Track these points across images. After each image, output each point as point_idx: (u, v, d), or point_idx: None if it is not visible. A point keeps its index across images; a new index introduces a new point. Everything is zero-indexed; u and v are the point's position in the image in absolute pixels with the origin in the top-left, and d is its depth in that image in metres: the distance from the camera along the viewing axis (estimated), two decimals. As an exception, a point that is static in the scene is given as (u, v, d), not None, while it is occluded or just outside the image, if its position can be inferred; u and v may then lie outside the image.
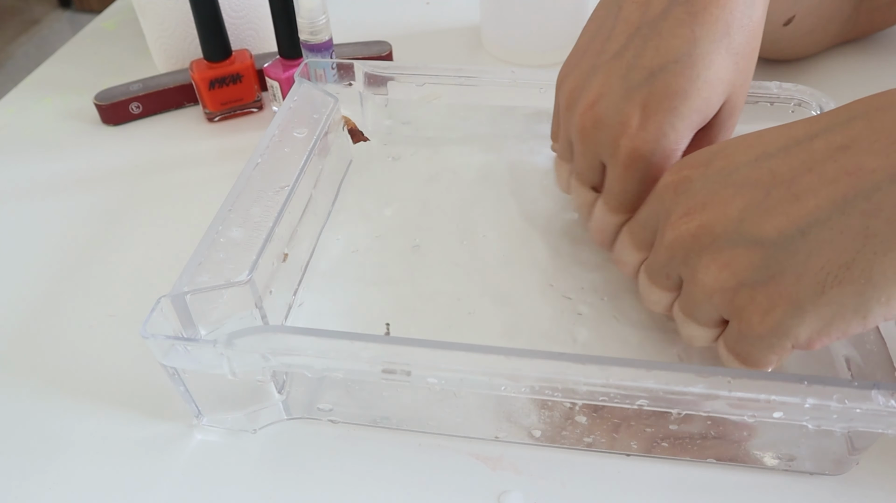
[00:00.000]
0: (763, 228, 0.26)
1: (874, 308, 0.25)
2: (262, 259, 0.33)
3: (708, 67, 0.31)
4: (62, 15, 1.89)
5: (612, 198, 0.33)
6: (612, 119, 0.32)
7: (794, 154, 0.27)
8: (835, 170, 0.25)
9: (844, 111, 0.27)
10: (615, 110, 0.32)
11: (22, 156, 0.51)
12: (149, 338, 0.29)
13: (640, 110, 0.31)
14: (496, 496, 0.31)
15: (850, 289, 0.25)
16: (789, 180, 0.26)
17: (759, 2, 0.32)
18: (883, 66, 0.56)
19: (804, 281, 0.25)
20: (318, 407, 0.33)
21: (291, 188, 0.37)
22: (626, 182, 0.32)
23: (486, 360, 0.27)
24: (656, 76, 0.31)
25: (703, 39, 0.31)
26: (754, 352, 0.27)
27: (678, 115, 0.31)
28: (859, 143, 0.25)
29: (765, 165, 0.27)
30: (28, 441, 0.33)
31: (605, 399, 0.28)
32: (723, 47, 0.31)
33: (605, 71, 0.33)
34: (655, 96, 0.31)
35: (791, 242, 0.25)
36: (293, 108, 0.42)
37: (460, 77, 0.45)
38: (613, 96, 0.32)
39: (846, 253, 0.25)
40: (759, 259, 0.26)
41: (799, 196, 0.26)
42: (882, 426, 0.27)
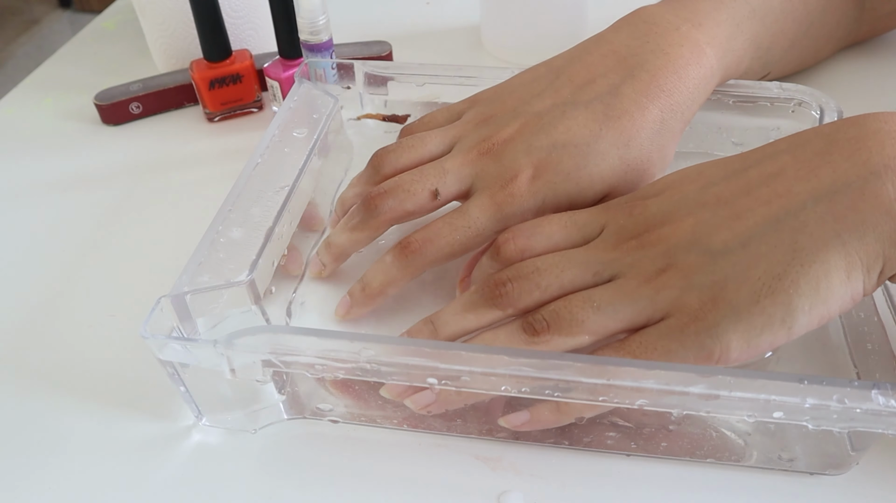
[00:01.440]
0: (712, 240, 0.29)
1: (799, 317, 0.27)
2: (262, 259, 0.33)
3: (596, 164, 0.35)
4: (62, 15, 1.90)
5: (461, 216, 0.34)
6: (508, 163, 0.35)
7: (733, 182, 0.31)
8: (768, 193, 0.29)
9: (771, 148, 0.31)
10: (512, 157, 0.35)
11: (22, 156, 0.51)
12: (149, 338, 0.29)
13: (533, 170, 0.35)
14: (496, 496, 0.31)
15: (781, 299, 0.27)
16: (732, 202, 0.30)
17: (672, 125, 0.36)
18: (883, 65, 0.56)
19: (743, 289, 0.28)
20: (318, 407, 0.33)
21: (291, 188, 0.37)
22: (482, 215, 0.34)
23: (487, 360, 0.27)
24: (556, 149, 0.35)
25: (604, 140, 0.35)
26: (678, 351, 0.28)
27: (552, 190, 0.35)
28: (786, 172, 0.30)
29: (711, 191, 0.31)
30: (28, 441, 0.33)
31: (606, 399, 0.28)
32: (617, 155, 0.35)
33: (523, 121, 0.36)
34: (547, 165, 0.35)
35: (734, 253, 0.29)
36: (293, 108, 0.42)
37: (460, 77, 0.45)
38: (519, 146, 0.35)
39: (778, 265, 0.28)
40: (708, 266, 0.29)
41: (740, 215, 0.29)
42: (882, 426, 0.27)
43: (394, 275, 0.35)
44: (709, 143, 0.46)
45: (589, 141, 0.35)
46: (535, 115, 0.36)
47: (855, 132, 0.29)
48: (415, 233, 0.35)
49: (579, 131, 0.35)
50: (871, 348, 0.33)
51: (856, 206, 0.27)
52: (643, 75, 0.36)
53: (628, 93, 0.36)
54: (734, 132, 0.45)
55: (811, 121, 0.42)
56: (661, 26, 0.38)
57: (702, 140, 0.46)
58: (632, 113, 0.35)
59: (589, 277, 0.31)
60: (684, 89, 0.36)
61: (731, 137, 0.46)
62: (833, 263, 0.27)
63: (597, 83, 0.37)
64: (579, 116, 0.36)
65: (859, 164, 0.28)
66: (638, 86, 0.36)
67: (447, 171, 0.36)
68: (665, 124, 0.36)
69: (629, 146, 0.35)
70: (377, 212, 0.35)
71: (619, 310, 0.29)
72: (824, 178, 0.29)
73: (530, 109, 0.37)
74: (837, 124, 0.30)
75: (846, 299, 0.28)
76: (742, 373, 0.26)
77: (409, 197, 0.35)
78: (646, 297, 0.29)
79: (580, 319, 0.29)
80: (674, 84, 0.36)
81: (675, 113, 0.36)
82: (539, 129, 0.36)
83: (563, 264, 0.31)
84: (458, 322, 0.32)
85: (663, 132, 0.36)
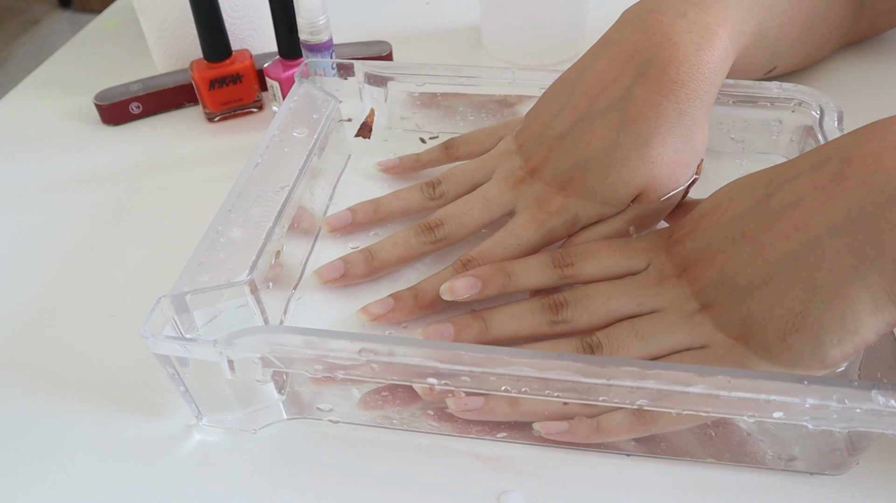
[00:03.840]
0: (737, 278, 0.30)
1: (830, 351, 0.28)
2: (262, 259, 0.33)
3: (618, 171, 0.36)
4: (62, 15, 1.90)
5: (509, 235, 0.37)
6: (540, 187, 0.38)
7: (757, 214, 0.31)
8: (787, 226, 0.29)
9: (793, 169, 0.31)
10: (544, 182, 0.38)
11: (22, 156, 0.51)
12: (149, 337, 0.29)
13: (565, 190, 0.37)
14: (496, 496, 0.31)
15: (806, 336, 0.28)
16: (756, 237, 0.30)
17: (692, 113, 0.36)
18: (883, 65, 0.56)
19: (769, 328, 0.29)
20: (318, 407, 0.33)
21: (291, 188, 0.37)
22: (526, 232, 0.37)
23: (487, 360, 0.27)
24: (579, 167, 0.37)
25: (622, 146, 0.36)
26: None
27: (583, 205, 0.37)
28: (804, 201, 0.29)
29: (737, 226, 0.31)
30: (28, 441, 0.33)
31: (605, 399, 0.28)
32: (637, 157, 0.36)
33: (548, 146, 0.38)
34: (573, 185, 0.37)
35: (758, 291, 0.29)
36: (293, 108, 0.42)
37: (460, 77, 0.45)
38: (548, 171, 0.38)
39: (800, 303, 0.28)
40: (735, 304, 0.30)
41: (763, 250, 0.30)
42: (882, 426, 0.27)
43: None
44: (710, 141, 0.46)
45: (608, 151, 0.36)
46: (557, 139, 0.38)
47: (872, 148, 0.28)
48: (473, 250, 0.37)
49: (598, 144, 0.36)
50: (873, 346, 0.33)
51: (873, 239, 0.27)
52: (653, 72, 0.35)
53: (640, 93, 0.36)
54: (734, 128, 0.45)
55: (811, 121, 0.42)
56: (667, 14, 0.37)
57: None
58: (646, 113, 0.35)
59: (633, 307, 0.33)
60: (699, 76, 0.35)
61: (731, 133, 0.46)
62: (855, 297, 0.27)
63: (609, 90, 0.36)
64: (597, 129, 0.36)
65: (875, 191, 0.27)
66: (649, 84, 0.35)
67: (490, 202, 0.39)
68: (684, 114, 0.35)
69: (649, 145, 0.35)
70: (433, 237, 0.38)
71: (660, 340, 0.32)
72: (840, 208, 0.28)
73: (553, 133, 0.38)
74: (856, 137, 0.29)
75: (881, 326, 0.27)
76: (742, 373, 0.26)
77: (460, 228, 0.38)
78: (684, 331, 0.31)
79: (626, 345, 0.32)
80: (686, 73, 0.35)
81: (693, 101, 0.36)
82: (563, 152, 0.37)
83: (610, 293, 0.34)
84: (512, 324, 0.34)
85: (684, 122, 0.36)
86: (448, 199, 0.40)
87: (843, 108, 0.41)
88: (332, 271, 0.37)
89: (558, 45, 0.57)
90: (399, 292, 0.36)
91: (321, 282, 0.37)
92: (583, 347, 0.32)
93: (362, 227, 0.41)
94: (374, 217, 0.41)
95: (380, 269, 0.38)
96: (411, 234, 0.38)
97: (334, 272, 0.37)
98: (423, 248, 0.38)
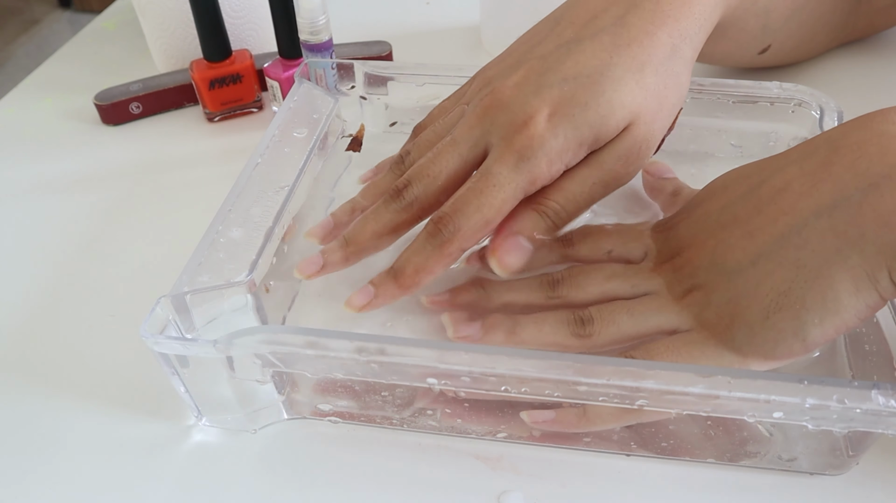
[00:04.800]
0: (727, 261, 0.31)
1: (811, 330, 0.29)
2: (262, 259, 0.33)
3: (615, 89, 0.33)
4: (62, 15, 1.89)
5: (483, 178, 0.33)
6: (518, 107, 0.33)
7: (748, 200, 0.32)
8: (775, 211, 0.30)
9: (784, 158, 0.32)
10: (524, 100, 0.33)
11: (22, 156, 0.51)
12: (149, 338, 0.29)
13: (548, 108, 0.33)
14: (496, 496, 0.31)
15: (789, 314, 0.29)
16: (746, 221, 0.31)
17: (683, 51, 0.35)
18: (883, 65, 0.56)
19: (754, 306, 0.30)
20: (318, 407, 0.33)
21: (291, 188, 0.37)
22: (504, 168, 0.33)
23: (487, 360, 0.27)
24: (567, 82, 0.33)
25: (618, 66, 0.34)
26: (699, 359, 0.30)
27: (572, 123, 0.33)
28: (792, 186, 0.30)
29: (729, 211, 0.32)
30: (28, 441, 0.33)
31: (605, 399, 0.28)
32: (633, 79, 0.34)
33: (527, 67, 0.35)
34: (561, 100, 0.33)
35: (745, 272, 0.30)
36: (293, 108, 0.42)
37: (460, 77, 0.45)
38: (527, 88, 0.34)
39: (784, 282, 0.29)
40: (724, 285, 0.31)
41: (752, 233, 0.31)
42: (882, 426, 0.27)
43: (429, 254, 0.33)
44: (709, 145, 0.46)
45: (601, 69, 0.33)
46: (538, 59, 0.35)
47: (858, 136, 0.29)
48: (445, 204, 0.33)
49: (589, 62, 0.34)
50: (869, 349, 0.33)
51: (855, 221, 0.28)
52: (647, 4, 0.35)
53: (634, 21, 0.35)
54: (733, 135, 0.45)
55: (811, 121, 0.42)
56: None
57: (703, 141, 0.46)
58: (640, 40, 0.34)
59: (628, 288, 0.34)
60: (690, 14, 0.35)
61: (731, 140, 0.46)
62: (837, 278, 0.28)
63: (600, 18, 0.35)
64: (586, 49, 0.34)
65: (859, 176, 0.28)
66: (643, 14, 0.35)
67: (457, 141, 0.34)
68: (676, 50, 0.35)
69: (643, 71, 0.34)
70: (403, 201, 0.34)
71: (649, 318, 0.32)
72: (825, 193, 0.29)
73: (532, 56, 0.35)
74: (845, 128, 0.30)
75: (861, 309, 0.28)
76: (742, 373, 0.26)
77: (431, 182, 0.34)
78: (674, 312, 0.32)
79: (616, 321, 0.32)
80: (679, 9, 0.35)
81: (685, 38, 0.35)
82: (545, 69, 0.34)
83: (608, 275, 0.34)
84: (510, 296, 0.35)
85: (675, 58, 0.35)
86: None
87: (843, 108, 0.41)
88: (310, 265, 0.35)
89: (558, 45, 0.57)
90: (377, 277, 0.34)
91: (304, 278, 0.35)
92: (574, 320, 0.33)
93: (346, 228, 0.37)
94: (354, 215, 0.37)
95: (358, 253, 0.35)
96: (381, 205, 0.35)
97: (313, 265, 0.35)
98: (397, 216, 0.34)
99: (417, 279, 0.33)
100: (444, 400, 0.32)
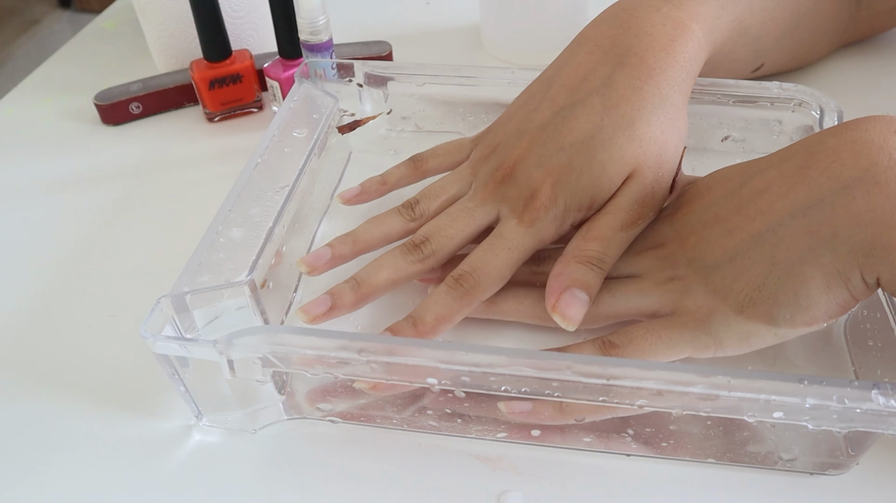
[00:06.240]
0: (706, 256, 0.33)
1: (782, 324, 0.30)
2: (262, 259, 0.33)
3: (604, 150, 0.35)
4: (62, 15, 1.89)
5: (497, 240, 0.36)
6: (524, 181, 0.36)
7: (730, 200, 0.33)
8: (754, 210, 0.32)
9: (765, 161, 0.33)
10: (528, 174, 0.36)
11: (22, 156, 0.51)
12: (149, 338, 0.29)
13: (551, 179, 0.36)
14: (496, 496, 0.31)
15: (762, 309, 0.30)
16: (726, 220, 0.33)
17: (672, 98, 0.36)
18: (883, 65, 0.56)
19: (730, 299, 0.31)
20: (318, 407, 0.33)
21: (291, 188, 0.37)
22: (515, 235, 0.36)
23: (487, 360, 0.27)
24: (564, 151, 0.36)
25: (607, 128, 0.35)
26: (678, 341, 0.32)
27: (570, 191, 0.35)
28: (771, 188, 0.31)
29: (712, 210, 0.34)
30: (28, 441, 0.33)
31: (605, 399, 0.28)
32: (624, 136, 0.35)
33: (529, 138, 0.37)
34: (560, 169, 0.36)
35: (723, 268, 0.32)
36: (293, 108, 0.42)
37: (460, 77, 0.45)
38: (530, 161, 0.36)
39: (758, 278, 0.30)
40: (702, 278, 0.32)
41: (731, 231, 0.32)
42: (882, 426, 0.27)
43: (450, 306, 0.34)
44: (708, 139, 0.46)
45: (593, 133, 0.35)
46: (538, 129, 0.37)
47: (833, 142, 0.30)
48: (463, 263, 0.35)
49: (582, 127, 0.36)
50: (873, 345, 0.33)
51: (828, 221, 0.29)
52: (632, 60, 0.36)
53: (621, 80, 0.36)
54: (734, 127, 0.46)
55: (811, 121, 0.42)
56: (641, 10, 0.38)
57: (702, 136, 0.46)
58: (629, 97, 0.36)
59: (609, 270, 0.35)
60: (675, 64, 0.37)
61: (732, 132, 0.46)
62: (809, 275, 0.29)
63: (589, 80, 0.37)
64: (580, 116, 0.36)
65: (832, 178, 0.29)
66: (629, 71, 0.36)
67: (473, 210, 0.37)
68: (665, 99, 0.36)
69: (634, 126, 0.35)
70: (421, 254, 0.36)
71: (630, 299, 0.34)
72: (801, 194, 0.30)
73: (532, 125, 0.37)
74: (821, 135, 0.32)
75: (832, 306, 0.29)
76: (742, 374, 0.26)
77: (447, 241, 0.36)
78: (654, 295, 0.34)
79: (598, 301, 0.34)
80: (664, 61, 0.36)
81: (673, 87, 0.36)
82: (545, 140, 0.36)
83: None
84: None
85: (665, 106, 0.36)
86: (428, 217, 0.38)
87: (843, 108, 0.41)
88: (318, 306, 0.34)
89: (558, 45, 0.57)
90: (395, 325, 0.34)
91: (308, 321, 0.34)
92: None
93: (343, 260, 0.38)
94: (353, 249, 0.38)
95: (369, 296, 0.35)
96: (398, 254, 0.36)
97: (321, 306, 0.34)
98: (412, 267, 0.36)
99: (437, 327, 0.34)
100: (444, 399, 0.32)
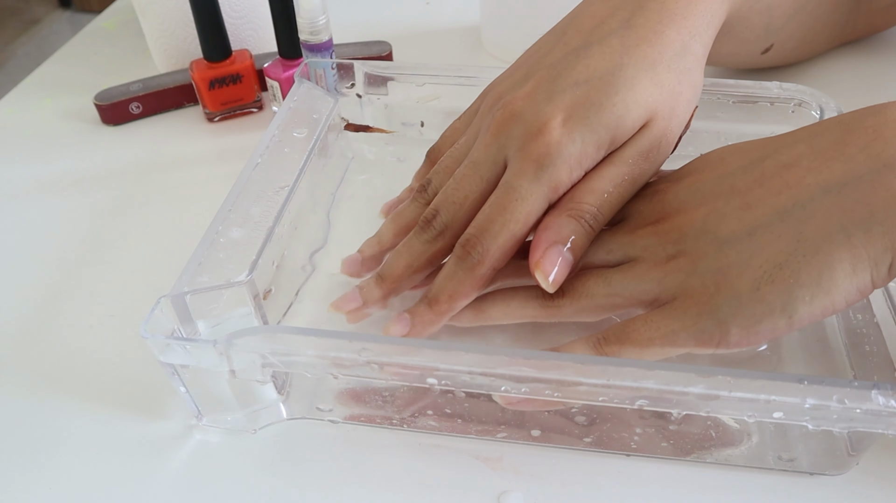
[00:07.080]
0: (720, 229, 0.30)
1: (799, 307, 0.28)
2: (262, 259, 0.33)
3: (629, 88, 0.33)
4: (62, 15, 1.90)
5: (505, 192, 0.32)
6: (532, 116, 0.33)
7: (749, 172, 0.31)
8: (779, 184, 0.29)
9: (790, 137, 0.31)
10: (536, 109, 0.33)
11: (22, 156, 0.51)
12: (149, 338, 0.29)
13: (562, 114, 0.32)
14: (496, 496, 0.31)
15: (781, 288, 0.28)
16: (744, 192, 0.30)
17: (694, 48, 0.35)
18: (883, 65, 0.56)
19: (745, 276, 0.28)
20: (318, 407, 0.33)
21: (291, 188, 0.37)
22: (524, 180, 0.32)
23: (487, 361, 0.27)
24: (579, 86, 0.33)
25: (629, 66, 0.33)
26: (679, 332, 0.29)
27: (588, 126, 0.32)
28: (800, 163, 0.29)
29: (726, 181, 0.31)
30: (28, 441, 0.33)
31: (605, 399, 0.28)
32: (647, 77, 0.33)
33: (537, 77, 0.34)
34: (575, 103, 0.32)
35: (740, 242, 0.29)
36: (293, 108, 0.42)
37: (460, 77, 0.45)
38: (539, 97, 0.33)
39: (781, 255, 0.28)
40: (714, 253, 0.30)
41: (750, 205, 0.30)
42: (882, 426, 0.27)
43: (461, 279, 0.32)
44: (708, 148, 0.46)
45: (613, 70, 0.33)
46: (548, 68, 0.34)
47: (874, 120, 0.29)
48: (470, 226, 0.33)
49: (599, 65, 0.33)
50: (870, 350, 0.33)
51: (865, 199, 0.27)
52: (653, 4, 0.35)
53: (641, 22, 0.34)
54: (732, 136, 0.45)
55: (811, 121, 0.42)
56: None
57: (701, 144, 0.46)
58: (650, 39, 0.34)
59: (602, 255, 0.33)
60: (697, 11, 0.35)
61: (730, 141, 0.46)
62: (836, 256, 0.27)
63: (606, 23, 0.35)
64: (595, 54, 0.34)
65: (873, 156, 0.28)
66: (650, 14, 0.35)
67: (478, 164, 0.34)
68: (686, 47, 0.34)
69: (656, 68, 0.33)
70: (433, 231, 0.34)
71: (626, 286, 0.31)
72: (836, 170, 0.28)
73: (541, 65, 0.35)
74: (858, 113, 0.30)
75: (851, 292, 0.27)
76: (742, 374, 0.26)
77: (458, 209, 0.33)
78: (654, 280, 0.31)
79: (589, 292, 0.32)
80: (685, 7, 0.35)
81: (694, 35, 0.35)
82: (556, 76, 0.34)
83: None
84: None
85: (686, 55, 0.34)
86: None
87: (843, 108, 0.41)
88: (348, 302, 0.34)
89: (558, 45, 0.57)
90: (413, 307, 0.33)
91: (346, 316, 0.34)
92: (543, 294, 0.32)
93: (377, 262, 0.37)
94: (381, 249, 0.37)
95: (395, 289, 0.34)
96: (413, 238, 0.34)
97: (352, 302, 0.34)
98: (429, 247, 0.34)
99: (453, 305, 0.33)
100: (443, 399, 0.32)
